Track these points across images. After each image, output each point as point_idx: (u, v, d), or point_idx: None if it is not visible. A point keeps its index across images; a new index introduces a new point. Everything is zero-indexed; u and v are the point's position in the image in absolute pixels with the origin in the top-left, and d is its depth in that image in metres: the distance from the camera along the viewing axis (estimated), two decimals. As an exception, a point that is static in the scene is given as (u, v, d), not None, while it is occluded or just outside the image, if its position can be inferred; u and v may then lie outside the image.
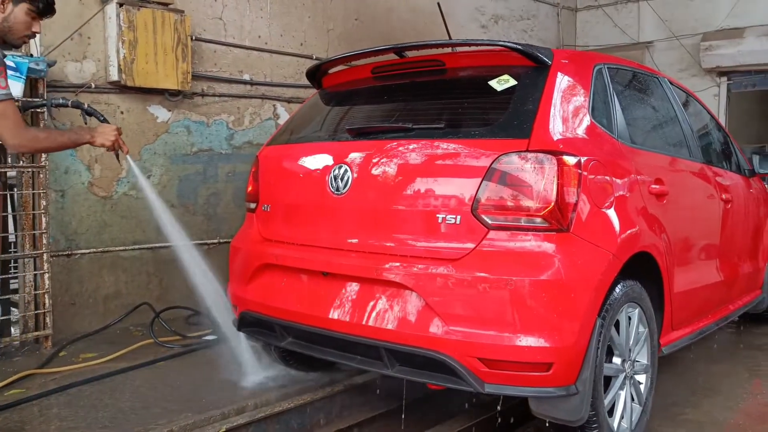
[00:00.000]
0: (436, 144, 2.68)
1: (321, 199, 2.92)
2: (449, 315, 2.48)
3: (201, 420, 3.12)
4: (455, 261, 2.51)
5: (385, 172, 2.74)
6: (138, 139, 4.73)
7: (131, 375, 3.74)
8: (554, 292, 2.41)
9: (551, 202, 2.46)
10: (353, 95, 3.36)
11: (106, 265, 4.60)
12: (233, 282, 3.33)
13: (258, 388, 3.49)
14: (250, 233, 3.29)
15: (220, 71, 5.23)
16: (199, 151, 5.10)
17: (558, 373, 2.43)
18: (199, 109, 5.08)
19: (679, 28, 8.44)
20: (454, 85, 3.04)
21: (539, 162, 2.49)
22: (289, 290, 2.98)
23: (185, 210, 5.03)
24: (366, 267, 2.70)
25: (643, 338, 2.95)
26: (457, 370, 2.46)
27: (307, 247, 2.96)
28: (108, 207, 4.59)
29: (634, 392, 2.91)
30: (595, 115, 2.87)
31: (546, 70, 2.79)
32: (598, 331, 2.54)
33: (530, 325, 2.40)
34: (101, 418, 3.11)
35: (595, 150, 2.73)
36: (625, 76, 3.37)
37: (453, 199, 2.58)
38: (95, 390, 3.50)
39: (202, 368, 3.84)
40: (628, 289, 2.76)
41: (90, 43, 4.45)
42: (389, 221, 2.71)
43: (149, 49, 4.56)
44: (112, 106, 4.59)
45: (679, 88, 3.96)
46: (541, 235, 2.46)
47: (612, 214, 2.70)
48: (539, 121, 2.60)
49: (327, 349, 2.91)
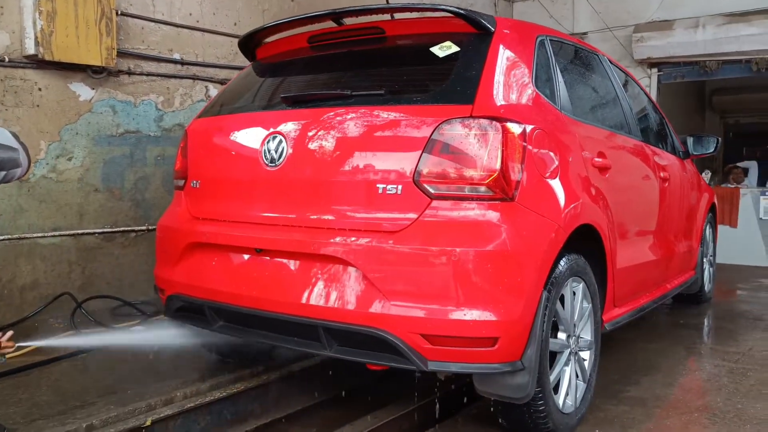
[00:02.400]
0: (375, 111, 2.54)
1: (254, 172, 2.74)
2: (390, 290, 2.36)
3: (125, 412, 2.90)
4: (397, 233, 2.39)
5: (323, 142, 2.59)
6: (58, 118, 4.41)
7: (48, 369, 3.48)
8: (499, 263, 2.32)
9: (496, 170, 2.37)
10: (289, 66, 3.19)
11: (22, 253, 4.27)
12: (160, 264, 3.12)
13: (188, 378, 3.29)
14: (178, 211, 3.08)
15: (148, 49, 4.94)
16: (125, 133, 4.81)
17: (503, 349, 2.34)
18: (125, 88, 4.79)
19: (612, 19, 8.57)
20: (394, 53, 2.91)
21: (483, 128, 2.39)
22: (220, 270, 2.80)
23: (111, 195, 4.74)
24: (302, 242, 2.54)
25: (587, 314, 2.90)
26: (398, 347, 2.34)
27: (240, 224, 2.78)
28: (25, 190, 4.27)
29: (579, 369, 2.85)
30: (538, 85, 2.80)
31: (489, 38, 2.70)
32: (544, 305, 2.46)
33: (475, 298, 2.30)
34: (12, 414, 2.85)
35: (539, 119, 2.65)
36: (566, 50, 3.32)
37: (394, 168, 2.45)
38: (7, 385, 3.23)
39: (128, 360, 3.60)
40: (572, 263, 2.70)
41: (3, 12, 4.12)
42: (327, 193, 2.57)
43: (70, 21, 4.26)
44: (29, 82, 4.26)
45: (618, 68, 3.96)
46: (485, 204, 2.36)
47: (557, 184, 2.62)
48: (483, 88, 2.50)
49: (261, 332, 2.74)
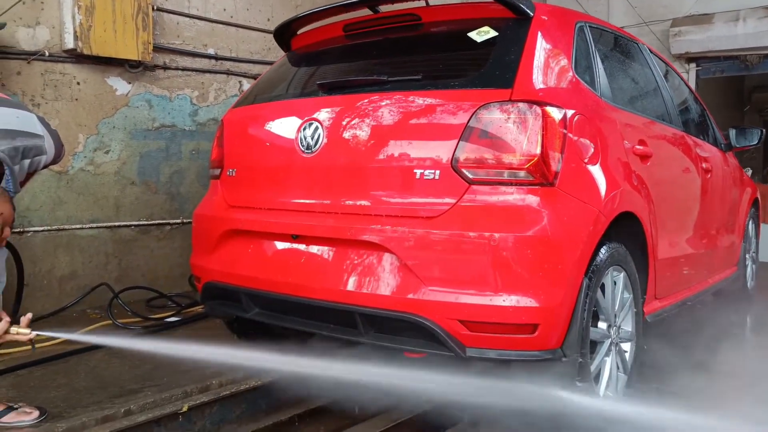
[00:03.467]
0: (412, 96, 2.52)
1: (290, 159, 2.74)
2: (428, 275, 2.33)
3: (161, 399, 2.91)
4: (434, 218, 2.36)
5: (359, 128, 2.57)
6: (96, 111, 4.48)
7: (86, 356, 3.51)
8: (540, 248, 2.28)
9: (535, 154, 2.32)
10: (324, 54, 3.18)
11: (61, 245, 4.34)
12: (196, 253, 3.13)
13: (223, 367, 3.29)
14: (214, 200, 3.09)
15: (183, 44, 4.99)
16: (161, 127, 4.86)
17: (544, 336, 2.29)
18: (161, 82, 4.85)
19: (648, 14, 8.42)
20: (431, 39, 2.89)
21: (523, 112, 2.35)
22: (256, 257, 2.80)
23: (146, 188, 4.79)
24: (339, 228, 2.53)
25: (627, 305, 2.84)
26: (436, 333, 2.31)
27: (276, 211, 2.78)
28: (63, 183, 4.34)
29: (620, 361, 2.79)
30: (577, 71, 2.74)
31: (528, 22, 2.65)
32: (584, 292, 2.41)
33: (514, 284, 2.26)
34: (53, 398, 2.88)
35: (578, 104, 2.60)
36: (606, 37, 3.26)
37: (431, 153, 2.42)
38: (48, 371, 3.27)
39: (164, 349, 3.62)
40: (613, 251, 2.64)
41: (43, 7, 4.19)
42: (363, 179, 2.55)
43: (107, 16, 4.32)
44: (68, 76, 4.33)
45: (658, 58, 3.88)
46: (525, 189, 2.32)
47: (597, 170, 2.57)
48: (522, 72, 2.46)
49: (296, 318, 2.74)
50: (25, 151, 2.25)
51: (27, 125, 2.27)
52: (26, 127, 2.27)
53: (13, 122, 2.24)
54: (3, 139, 2.18)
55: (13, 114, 2.27)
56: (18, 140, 2.22)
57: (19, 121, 2.26)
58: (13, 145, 2.21)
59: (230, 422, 3.09)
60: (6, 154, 2.17)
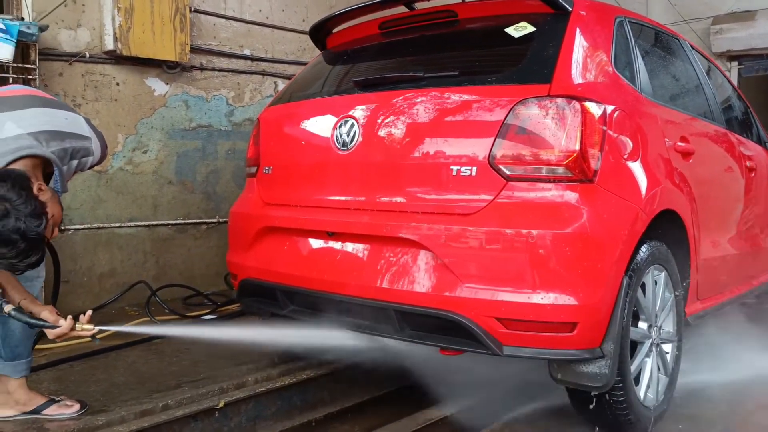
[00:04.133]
0: (448, 93, 2.50)
1: (325, 156, 2.74)
2: (464, 272, 2.30)
3: (198, 394, 2.95)
4: (471, 215, 2.33)
5: (395, 124, 2.56)
6: (134, 112, 4.55)
7: (125, 352, 3.58)
8: (579, 246, 2.23)
9: (574, 150, 2.28)
10: (360, 52, 3.18)
11: (101, 243, 4.42)
12: (232, 250, 3.16)
13: (259, 364, 3.31)
14: (250, 198, 3.11)
15: (219, 45, 5.05)
16: (198, 127, 4.92)
17: (582, 334, 2.25)
18: (197, 83, 4.91)
19: (688, 12, 8.25)
20: (468, 36, 2.86)
21: (561, 107, 2.31)
22: (291, 254, 2.80)
23: (183, 188, 4.85)
24: (375, 225, 2.52)
25: (669, 305, 2.77)
26: (473, 331, 2.28)
27: (312, 208, 2.78)
28: (103, 182, 4.42)
29: (661, 362, 2.72)
30: (617, 66, 2.69)
31: (566, 17, 2.61)
32: (624, 291, 2.35)
33: (552, 282, 2.22)
34: (93, 392, 2.94)
35: (618, 100, 2.55)
36: (646, 32, 3.19)
37: (468, 149, 2.40)
38: (88, 366, 3.34)
39: (201, 346, 3.66)
40: (654, 249, 2.58)
41: (84, 10, 4.28)
42: (399, 176, 2.54)
43: (146, 17, 4.39)
44: (108, 76, 4.41)
45: (700, 54, 3.79)
46: (563, 185, 2.28)
47: (638, 167, 2.52)
48: (560, 67, 2.42)
49: (332, 315, 2.72)
50: (74, 152, 2.29)
51: (75, 127, 2.31)
52: (75, 129, 2.31)
53: (63, 124, 2.28)
54: (53, 140, 2.21)
55: (62, 116, 2.31)
56: (67, 141, 2.26)
57: (68, 122, 2.30)
58: (63, 147, 2.24)
59: (265, 419, 3.11)
60: (56, 155, 2.21)
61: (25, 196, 2.02)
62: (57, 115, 2.31)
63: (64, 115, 2.32)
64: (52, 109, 2.33)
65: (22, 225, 2.00)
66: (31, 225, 2.02)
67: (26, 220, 2.01)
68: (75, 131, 2.30)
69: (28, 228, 2.01)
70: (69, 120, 2.32)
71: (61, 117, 2.30)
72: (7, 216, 1.99)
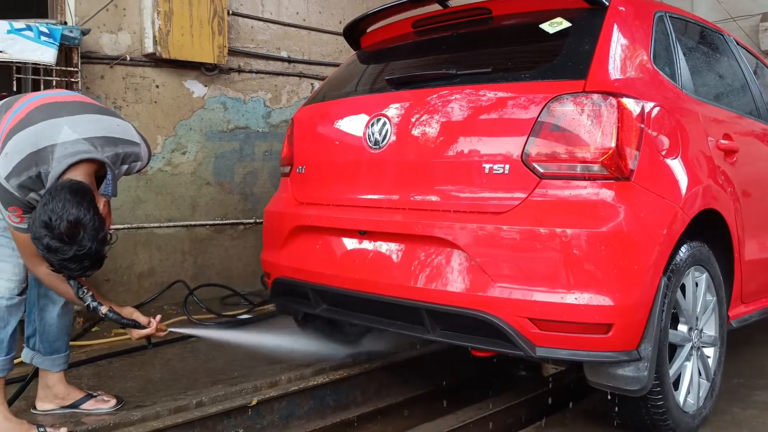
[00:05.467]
0: (481, 90, 2.47)
1: (358, 155, 2.74)
2: (497, 272, 2.27)
3: (232, 392, 2.97)
4: (504, 213, 2.30)
5: (427, 122, 2.54)
6: (173, 113, 4.63)
7: (162, 350, 3.62)
8: (615, 245, 2.17)
9: (611, 147, 2.23)
10: (393, 51, 3.17)
11: (140, 242, 4.50)
12: (266, 249, 3.17)
13: (293, 363, 3.32)
14: (284, 197, 3.12)
15: (257, 47, 5.10)
16: (235, 128, 4.98)
17: (618, 336, 2.19)
18: (235, 85, 4.96)
19: (735, 9, 8.02)
20: (502, 33, 2.82)
21: (597, 104, 2.25)
22: (324, 253, 2.80)
23: (221, 188, 4.91)
24: (406, 223, 2.50)
25: (710, 308, 2.68)
26: (505, 331, 2.24)
27: (344, 207, 2.78)
28: (143, 182, 4.49)
29: (702, 366, 2.64)
30: (656, 62, 2.62)
31: (603, 12, 2.55)
32: (662, 292, 2.28)
33: (587, 282, 2.17)
34: (129, 388, 2.98)
35: (657, 96, 2.49)
36: (688, 28, 3.11)
37: (501, 148, 2.36)
38: (125, 363, 3.40)
39: (235, 345, 3.68)
40: (695, 250, 2.50)
41: (125, 14, 4.37)
42: (431, 174, 2.51)
43: (185, 21, 4.46)
44: (147, 79, 4.49)
45: (746, 50, 3.66)
46: (599, 183, 2.23)
47: (677, 165, 2.45)
48: (596, 62, 2.37)
49: (363, 315, 2.72)
50: (125, 157, 2.37)
51: (127, 133, 2.40)
52: (126, 135, 2.39)
53: (116, 130, 2.36)
54: (107, 145, 2.29)
55: (114, 122, 2.40)
56: (120, 147, 2.34)
57: (120, 129, 2.38)
58: (116, 152, 2.32)
59: (298, 417, 3.12)
60: (110, 160, 2.29)
61: (97, 220, 2.15)
62: (110, 121, 2.39)
63: (116, 122, 2.40)
64: (104, 116, 2.42)
65: (93, 249, 2.15)
66: (100, 248, 2.18)
67: (96, 245, 2.16)
68: (126, 137, 2.38)
69: (97, 251, 2.17)
70: (121, 127, 2.40)
71: (114, 124, 2.38)
72: (82, 241, 2.12)
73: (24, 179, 2.17)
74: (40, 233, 2.09)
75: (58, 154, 2.18)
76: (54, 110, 2.31)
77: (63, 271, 2.25)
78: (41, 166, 2.17)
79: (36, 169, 2.17)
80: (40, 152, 2.17)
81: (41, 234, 2.09)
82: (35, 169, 2.17)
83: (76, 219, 2.09)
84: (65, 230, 2.08)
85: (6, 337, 2.40)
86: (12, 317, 2.41)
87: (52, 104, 2.35)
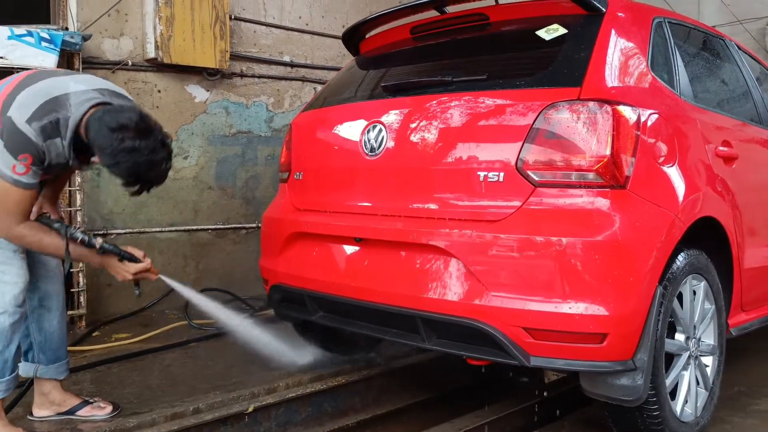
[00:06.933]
0: (477, 97, 2.45)
1: (354, 161, 2.73)
2: (492, 281, 2.25)
3: (229, 399, 2.97)
4: (499, 222, 2.28)
5: (422, 129, 2.53)
6: (175, 118, 4.64)
7: (161, 355, 3.63)
8: (610, 254, 2.16)
9: (605, 155, 2.21)
10: (391, 57, 3.16)
11: (142, 246, 4.40)
12: (264, 255, 3.17)
13: (291, 370, 3.31)
14: (282, 203, 3.12)
15: (259, 52, 5.11)
16: (237, 133, 4.98)
17: (613, 346, 2.17)
18: (237, 89, 4.97)
19: (742, 12, 7.97)
20: (499, 39, 2.80)
21: (592, 111, 2.24)
22: (319, 260, 2.80)
23: (223, 193, 4.92)
24: (402, 231, 2.49)
25: (709, 316, 2.66)
26: (499, 340, 2.23)
27: (340, 214, 2.77)
28: (144, 187, 4.50)
29: (700, 375, 2.62)
30: (654, 69, 2.60)
31: (600, 18, 2.54)
32: (658, 301, 2.27)
33: (582, 292, 2.15)
34: (127, 395, 2.99)
35: (654, 103, 2.47)
36: (687, 33, 3.08)
37: (496, 155, 2.35)
38: (124, 368, 3.40)
39: (235, 350, 3.68)
40: (692, 258, 2.48)
41: (127, 19, 4.39)
42: (426, 181, 2.50)
43: (186, 26, 4.47)
44: (149, 84, 4.51)
45: (748, 55, 3.63)
46: (594, 191, 2.21)
47: (674, 172, 2.43)
48: (592, 70, 2.35)
49: (359, 322, 2.71)
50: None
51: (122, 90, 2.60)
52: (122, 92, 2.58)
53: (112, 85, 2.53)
54: (113, 97, 2.43)
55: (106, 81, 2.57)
56: (122, 100, 2.49)
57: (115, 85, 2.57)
58: (120, 103, 2.45)
59: (296, 424, 3.12)
60: None
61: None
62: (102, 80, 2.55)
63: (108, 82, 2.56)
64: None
65: (166, 137, 2.41)
66: (168, 141, 2.43)
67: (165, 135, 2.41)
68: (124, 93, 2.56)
69: (168, 142, 2.42)
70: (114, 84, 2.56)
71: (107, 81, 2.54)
72: (156, 129, 2.33)
73: (45, 123, 2.24)
74: (119, 140, 2.17)
75: (74, 100, 2.28)
76: (49, 73, 2.45)
77: (150, 179, 2.38)
78: (60, 112, 2.26)
79: (56, 115, 2.26)
80: (57, 99, 2.27)
81: (120, 139, 2.17)
82: (55, 114, 2.26)
83: (140, 111, 2.27)
84: (139, 120, 2.22)
85: (10, 357, 2.40)
86: (15, 335, 2.41)
87: (40, 71, 2.47)
